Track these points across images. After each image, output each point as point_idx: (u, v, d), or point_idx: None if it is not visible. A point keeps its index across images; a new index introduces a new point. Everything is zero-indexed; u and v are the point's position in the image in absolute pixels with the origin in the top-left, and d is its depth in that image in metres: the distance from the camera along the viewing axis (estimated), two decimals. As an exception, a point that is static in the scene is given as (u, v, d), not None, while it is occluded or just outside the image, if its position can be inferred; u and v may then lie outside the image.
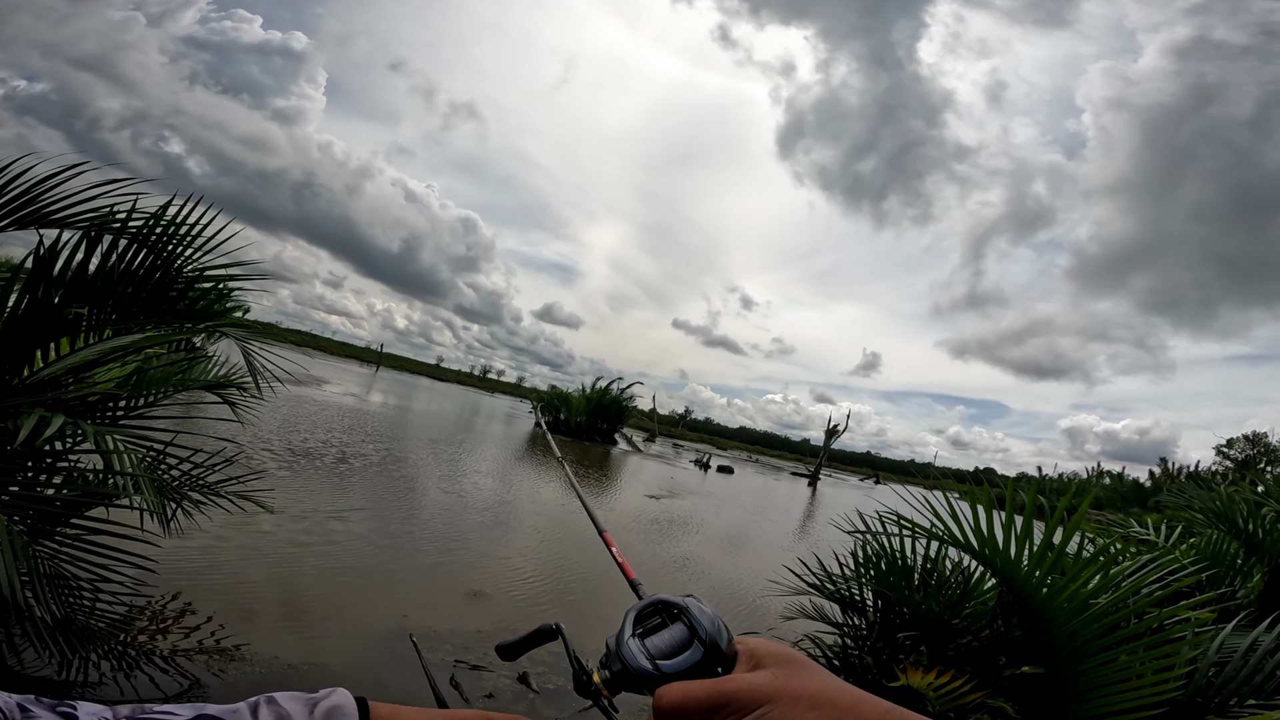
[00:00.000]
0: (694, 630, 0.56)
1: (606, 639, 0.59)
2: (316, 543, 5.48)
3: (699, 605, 0.58)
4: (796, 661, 0.51)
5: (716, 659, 0.54)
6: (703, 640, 0.55)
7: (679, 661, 0.54)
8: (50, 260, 1.86)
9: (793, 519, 16.86)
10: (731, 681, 0.49)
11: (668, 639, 0.56)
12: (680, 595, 0.60)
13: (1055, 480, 34.56)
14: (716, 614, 0.58)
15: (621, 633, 0.58)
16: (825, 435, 40.89)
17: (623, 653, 0.56)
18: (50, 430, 1.72)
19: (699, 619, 0.57)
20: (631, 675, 0.55)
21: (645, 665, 0.54)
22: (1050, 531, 2.32)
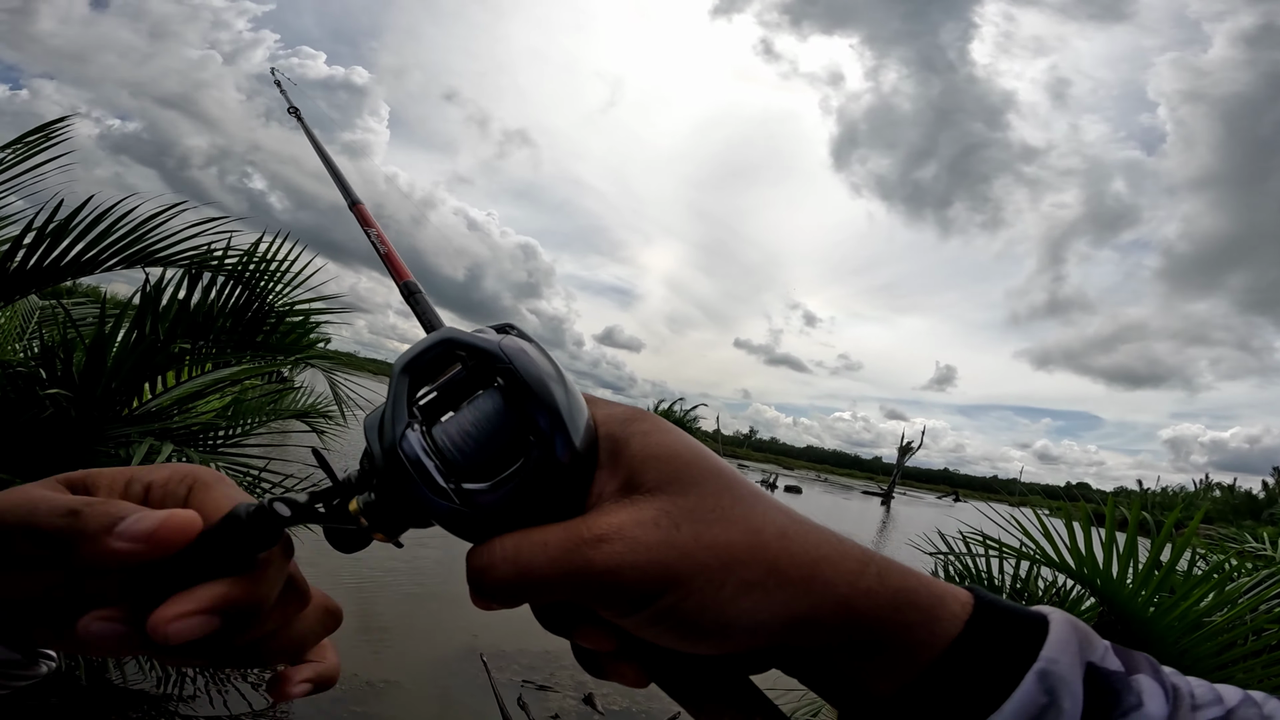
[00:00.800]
0: (523, 405, 0.28)
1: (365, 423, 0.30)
2: (391, 565, 5.66)
3: (522, 346, 0.30)
4: (699, 478, 0.28)
5: (568, 469, 0.28)
6: (542, 431, 0.27)
7: (500, 480, 0.27)
8: (156, 297, 2.01)
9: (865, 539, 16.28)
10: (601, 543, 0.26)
11: (472, 425, 0.28)
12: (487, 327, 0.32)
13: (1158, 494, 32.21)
14: (557, 364, 0.30)
15: (387, 413, 0.29)
16: (898, 452, 39.58)
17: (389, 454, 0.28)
18: (160, 458, 1.85)
19: (529, 377, 0.28)
20: (412, 502, 0.27)
21: (439, 489, 0.27)
22: (1158, 548, 2.19)
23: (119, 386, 2.11)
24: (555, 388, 0.28)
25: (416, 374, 0.30)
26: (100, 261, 1.88)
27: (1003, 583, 3.03)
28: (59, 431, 1.95)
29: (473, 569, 0.28)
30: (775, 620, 0.27)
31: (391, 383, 0.29)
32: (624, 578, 0.26)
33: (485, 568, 0.27)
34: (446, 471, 0.27)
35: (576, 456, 0.28)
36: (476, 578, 0.28)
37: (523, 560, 0.27)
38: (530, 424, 0.28)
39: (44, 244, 1.76)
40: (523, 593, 0.27)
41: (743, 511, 0.28)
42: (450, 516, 0.27)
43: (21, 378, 1.89)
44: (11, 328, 2.45)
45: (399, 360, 0.30)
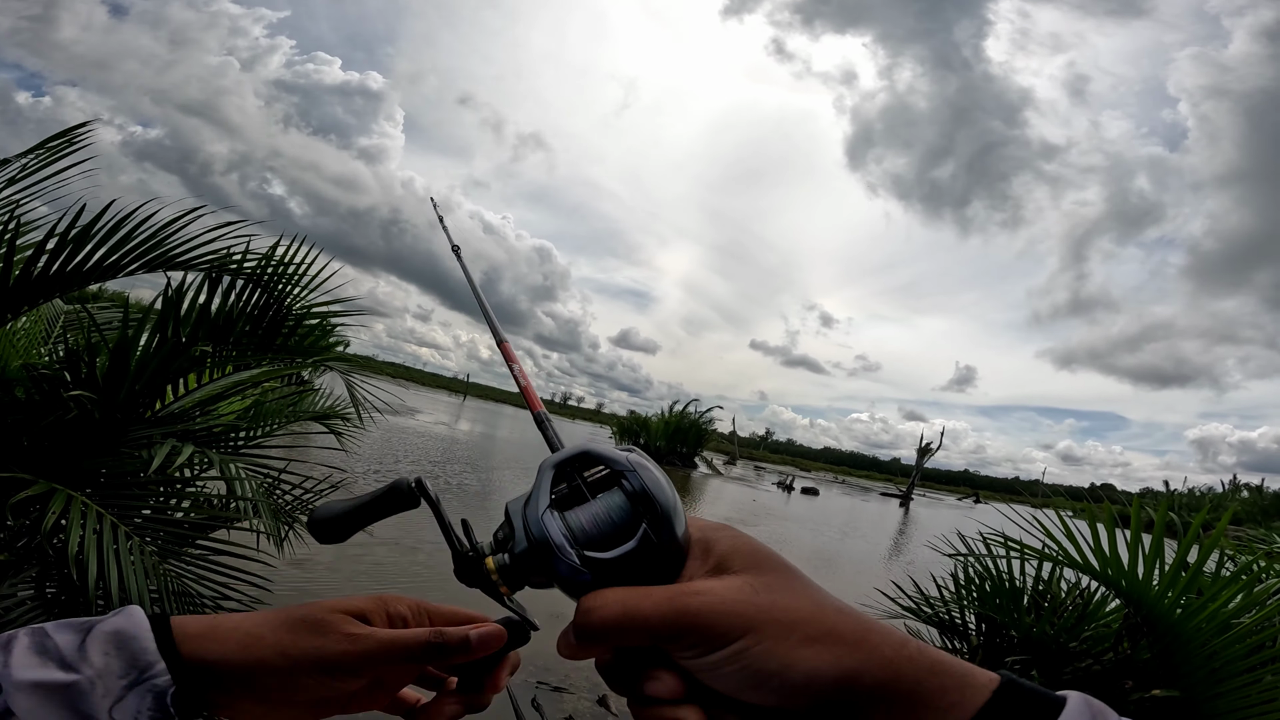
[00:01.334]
0: (640, 503, 0.38)
1: (507, 505, 0.42)
2: (409, 564, 5.70)
3: (645, 465, 0.40)
4: (777, 566, 0.37)
5: (670, 550, 0.38)
6: (653, 521, 0.38)
7: (618, 553, 0.37)
8: (178, 301, 2.04)
9: (883, 540, 16.12)
10: (697, 596, 0.34)
11: (600, 514, 0.39)
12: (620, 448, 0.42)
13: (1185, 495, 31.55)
14: (669, 480, 0.40)
15: (532, 498, 0.40)
16: (917, 454, 39.16)
17: (531, 529, 0.39)
18: (181, 459, 1.87)
19: (647, 486, 0.39)
20: (543, 565, 0.38)
21: (567, 555, 0.37)
22: (1184, 550, 2.17)
23: (142, 389, 2.14)
24: (665, 494, 0.39)
25: (558, 472, 0.41)
26: (122, 266, 1.91)
27: (1024, 584, 2.99)
28: (83, 432, 1.99)
29: (583, 609, 0.36)
30: (829, 672, 0.32)
31: (538, 476, 0.40)
32: (713, 621, 0.33)
33: (595, 607, 0.35)
34: (574, 543, 0.38)
35: (675, 543, 0.38)
36: (585, 615, 0.36)
37: (630, 602, 0.35)
38: (644, 516, 0.38)
39: (66, 249, 1.79)
40: (623, 630, 0.35)
41: (809, 590, 0.36)
42: (572, 579, 0.37)
43: (47, 380, 1.93)
44: (37, 332, 2.50)
45: (547, 460, 0.41)
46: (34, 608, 2.14)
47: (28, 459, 1.93)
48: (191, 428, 2.32)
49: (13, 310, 1.89)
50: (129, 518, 2.04)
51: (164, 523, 2.41)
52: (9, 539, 1.99)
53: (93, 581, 1.65)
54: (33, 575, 2.14)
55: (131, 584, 1.80)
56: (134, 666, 0.40)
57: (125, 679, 0.40)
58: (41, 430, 1.97)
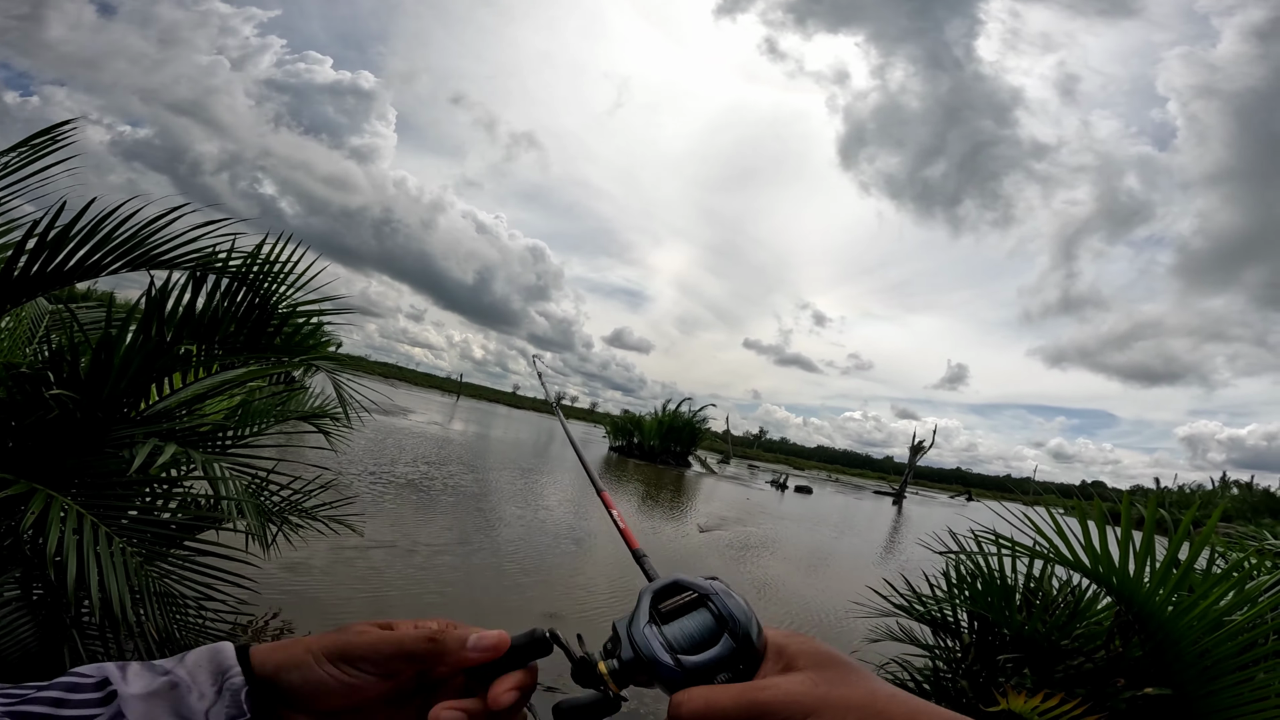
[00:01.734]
0: (722, 620, 0.48)
1: (614, 622, 0.51)
2: (402, 565, 5.68)
3: (727, 590, 0.51)
4: (838, 663, 0.44)
5: (747, 655, 0.47)
6: (734, 632, 0.47)
7: (705, 657, 0.46)
8: (162, 300, 2.02)
9: (877, 539, 16.18)
10: (766, 690, 0.42)
11: (691, 628, 0.49)
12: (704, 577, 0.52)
13: (1175, 492, 31.73)
14: (746, 601, 0.50)
15: (635, 616, 0.50)
16: (910, 452, 39.27)
17: (636, 640, 0.49)
18: (163, 458, 1.86)
19: (729, 606, 0.49)
20: (645, 668, 0.48)
21: (665, 659, 0.47)
22: (1175, 546, 2.18)
23: (125, 388, 2.13)
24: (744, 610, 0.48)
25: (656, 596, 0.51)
26: (103, 265, 1.90)
27: (1016, 582, 3.00)
28: (65, 432, 1.97)
29: (675, 702, 0.43)
30: None
31: (639, 600, 0.51)
32: (779, 709, 0.40)
33: (684, 701, 0.43)
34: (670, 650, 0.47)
35: (753, 649, 0.47)
36: (676, 708, 0.43)
37: (711, 697, 0.42)
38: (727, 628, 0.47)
39: (46, 249, 1.77)
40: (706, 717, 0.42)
41: (865, 680, 0.42)
42: (669, 677, 0.46)
43: (28, 379, 1.91)
44: (21, 332, 2.47)
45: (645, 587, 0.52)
46: (18, 609, 2.12)
47: (9, 459, 1.91)
48: (176, 427, 2.30)
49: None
50: (114, 519, 2.02)
51: (150, 524, 2.39)
52: (-10, 540, 1.97)
53: (72, 582, 1.63)
54: (16, 576, 2.12)
55: (112, 585, 1.79)
56: (219, 671, 0.48)
57: (215, 685, 0.47)
58: (22, 430, 1.95)
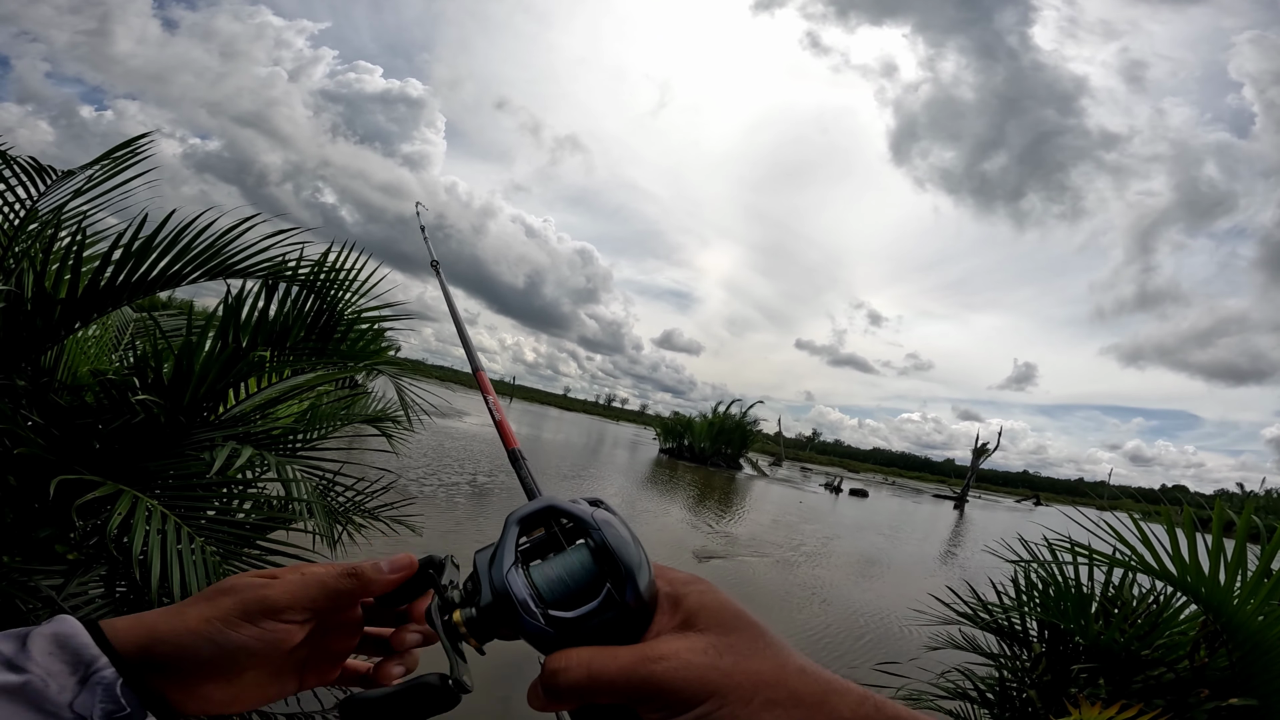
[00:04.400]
0: (603, 559, 0.39)
1: (475, 554, 0.42)
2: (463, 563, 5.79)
3: (609, 518, 0.40)
4: (743, 623, 0.37)
5: (634, 609, 0.38)
6: (618, 578, 0.38)
7: (580, 613, 0.37)
8: (237, 308, 2.10)
9: (935, 544, 15.65)
10: (661, 662, 0.35)
11: (563, 571, 0.39)
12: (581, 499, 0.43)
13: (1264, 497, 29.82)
14: (634, 533, 0.40)
15: (499, 551, 0.40)
16: (972, 454, 37.98)
17: (496, 585, 0.39)
18: (241, 461, 1.92)
19: (611, 542, 0.39)
20: (509, 620, 0.38)
21: (532, 612, 0.38)
22: (1269, 556, 2.09)
23: (204, 393, 2.21)
24: (630, 552, 0.38)
25: (522, 527, 0.42)
26: (183, 275, 1.98)
27: (1092, 590, 2.88)
28: (149, 435, 2.06)
29: (549, 670, 0.37)
30: None
31: (504, 531, 0.41)
32: (677, 687, 0.34)
33: (562, 669, 0.36)
34: (539, 601, 0.38)
35: (641, 602, 0.38)
36: (551, 676, 0.37)
37: (595, 666, 0.36)
38: (609, 575, 0.38)
39: (131, 260, 1.85)
40: (589, 690, 0.36)
41: (773, 652, 0.36)
42: (538, 636, 0.38)
43: (114, 385, 2.00)
44: (107, 339, 2.61)
45: (511, 515, 0.42)
46: (103, 605, 2.22)
47: (96, 461, 2.01)
48: (251, 430, 2.38)
49: (82, 319, 1.97)
50: (194, 519, 2.10)
51: (226, 523, 2.49)
52: (79, 539, 2.07)
53: (155, 580, 1.69)
54: (101, 574, 2.23)
55: (193, 582, 1.85)
56: (79, 663, 0.42)
57: (75, 675, 0.41)
58: (109, 434, 2.05)
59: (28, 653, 0.42)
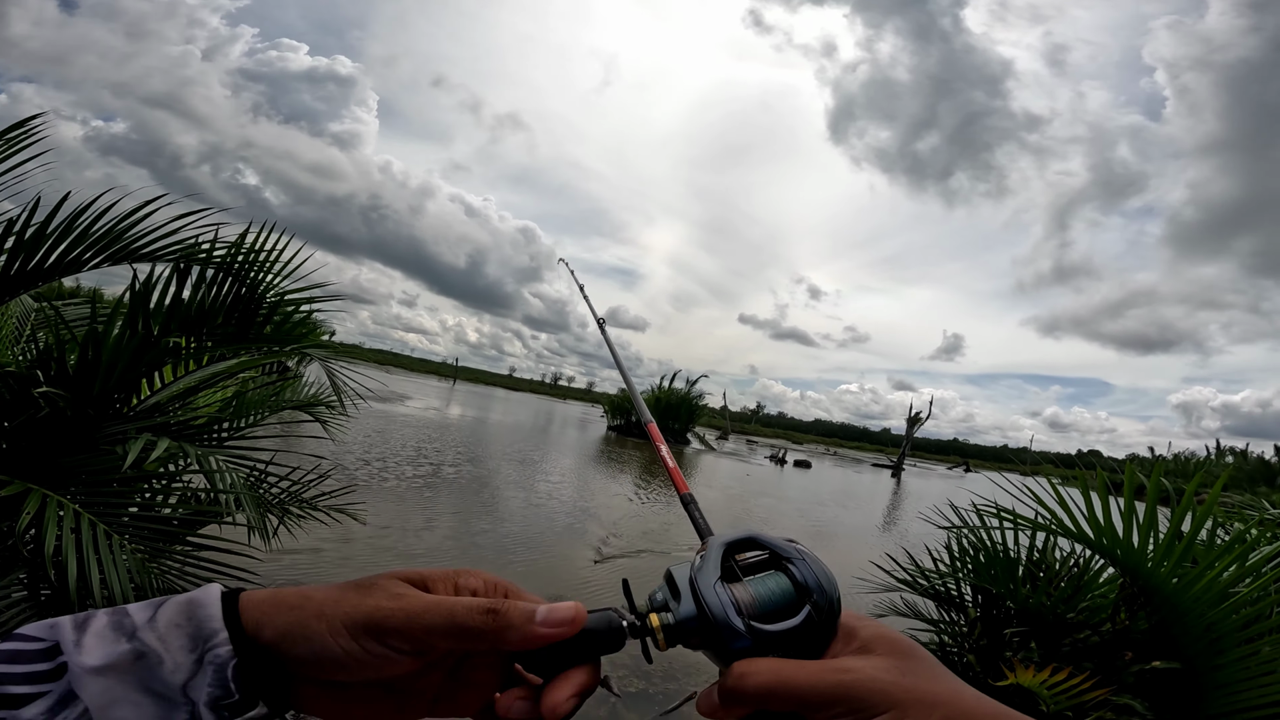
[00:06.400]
0: (803, 588, 0.42)
1: (670, 570, 0.45)
2: (404, 550, 5.70)
3: (811, 555, 0.44)
4: (919, 654, 0.40)
5: (826, 630, 0.42)
6: (817, 604, 0.41)
7: (781, 628, 0.41)
8: (146, 294, 1.99)
9: (876, 512, 16.31)
10: (850, 671, 0.37)
11: (766, 592, 0.42)
12: (781, 537, 0.46)
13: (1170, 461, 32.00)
14: (826, 568, 0.44)
15: (702, 569, 0.43)
16: (907, 424, 39.55)
17: (705, 598, 0.42)
18: (157, 453, 1.83)
19: (814, 574, 0.43)
20: (706, 629, 0.41)
21: (736, 623, 0.40)
22: (1179, 517, 2.14)
23: (114, 384, 2.10)
24: (833, 582, 0.43)
25: (728, 550, 0.44)
26: (83, 261, 1.86)
27: (1019, 555, 2.96)
28: (57, 430, 1.94)
29: (737, 673, 0.38)
30: None
31: (711, 550, 0.44)
32: (862, 695, 0.36)
33: (751, 673, 0.38)
34: (740, 614, 0.41)
35: (833, 626, 0.42)
36: (739, 679, 0.38)
37: (785, 672, 0.38)
38: (809, 599, 0.42)
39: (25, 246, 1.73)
40: (773, 695, 0.37)
41: (949, 679, 0.39)
42: (732, 644, 0.40)
43: (15, 379, 1.88)
44: (7, 332, 2.43)
45: (717, 538, 0.45)
46: (26, 608, 2.11)
47: (2, 460, 1.89)
48: (169, 421, 2.28)
49: (-26, 310, 1.83)
50: (113, 517, 2.01)
51: (150, 520, 2.38)
52: (-12, 542, 1.96)
53: (73, 581, 1.62)
54: (22, 578, 2.11)
55: (114, 582, 1.78)
56: (199, 637, 0.37)
57: (194, 653, 0.37)
58: (15, 430, 1.93)
59: (155, 621, 0.38)
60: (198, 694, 0.36)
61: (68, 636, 0.37)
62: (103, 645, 0.37)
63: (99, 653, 0.36)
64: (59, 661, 0.36)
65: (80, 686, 0.35)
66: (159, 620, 0.38)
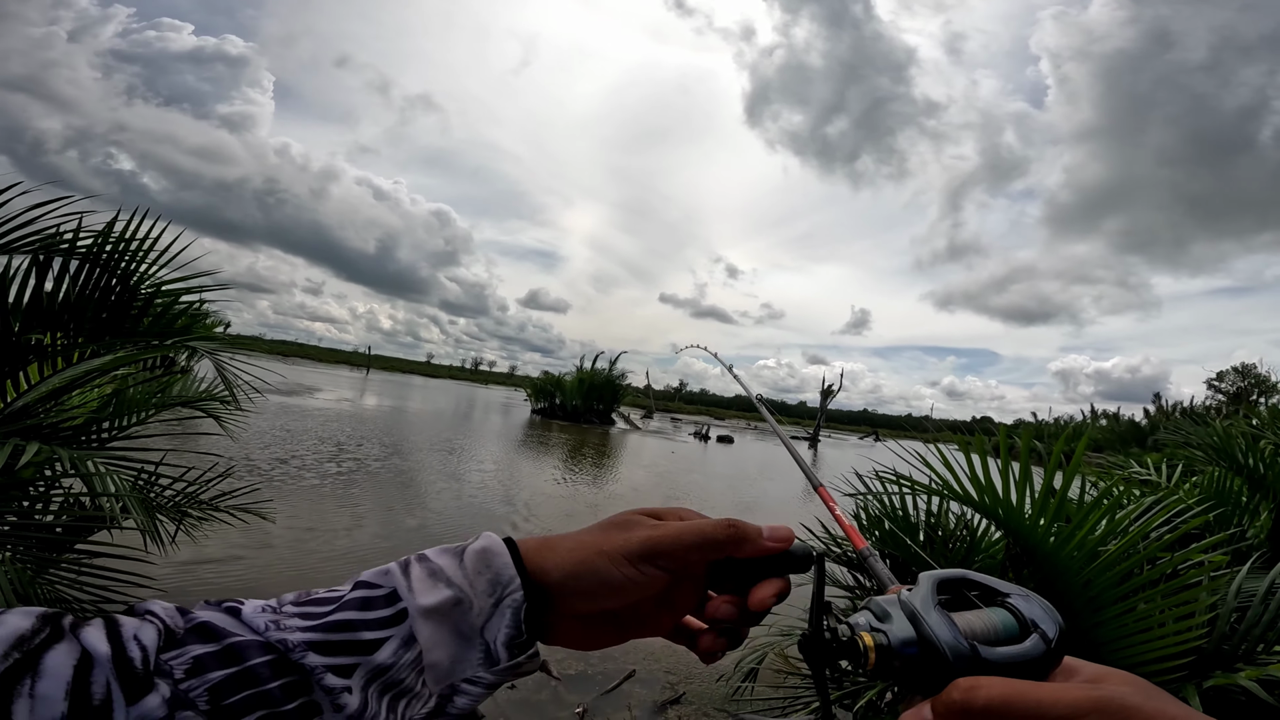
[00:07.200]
0: (1024, 620, 0.43)
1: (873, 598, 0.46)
2: (324, 547, 5.52)
3: (1029, 592, 0.46)
4: (1151, 686, 0.39)
5: (1052, 662, 0.42)
6: (1044, 635, 0.42)
7: (1009, 652, 0.41)
8: (2, 288, 1.83)
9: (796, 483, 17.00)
10: (1099, 687, 0.37)
11: (985, 621, 0.44)
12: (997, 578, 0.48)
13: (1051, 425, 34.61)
14: (1049, 604, 0.45)
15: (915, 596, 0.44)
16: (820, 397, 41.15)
17: (923, 619, 0.42)
18: (26, 458, 1.71)
19: (1038, 610, 0.44)
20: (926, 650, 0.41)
21: (959, 641, 0.41)
22: (1049, 476, 2.21)
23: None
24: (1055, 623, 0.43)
25: (940, 585, 0.45)
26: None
27: (918, 519, 3.12)
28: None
29: (965, 686, 0.38)
30: None
31: (922, 582, 0.45)
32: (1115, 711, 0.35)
33: (980, 686, 0.37)
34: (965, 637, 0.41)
35: (1058, 657, 0.42)
36: (967, 692, 0.37)
37: (1021, 687, 0.37)
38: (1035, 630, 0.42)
39: None
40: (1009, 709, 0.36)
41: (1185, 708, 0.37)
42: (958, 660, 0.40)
43: None
44: None
45: (933, 574, 0.46)
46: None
47: None
48: (40, 423, 2.12)
49: None
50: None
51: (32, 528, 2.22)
52: None
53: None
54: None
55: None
56: (498, 583, 0.44)
57: (493, 597, 0.44)
58: None
59: (464, 569, 0.44)
60: (492, 635, 0.43)
61: (400, 582, 0.43)
62: (430, 588, 0.43)
63: (428, 595, 0.43)
64: (399, 607, 0.42)
65: (416, 630, 0.42)
66: (467, 565, 0.45)
